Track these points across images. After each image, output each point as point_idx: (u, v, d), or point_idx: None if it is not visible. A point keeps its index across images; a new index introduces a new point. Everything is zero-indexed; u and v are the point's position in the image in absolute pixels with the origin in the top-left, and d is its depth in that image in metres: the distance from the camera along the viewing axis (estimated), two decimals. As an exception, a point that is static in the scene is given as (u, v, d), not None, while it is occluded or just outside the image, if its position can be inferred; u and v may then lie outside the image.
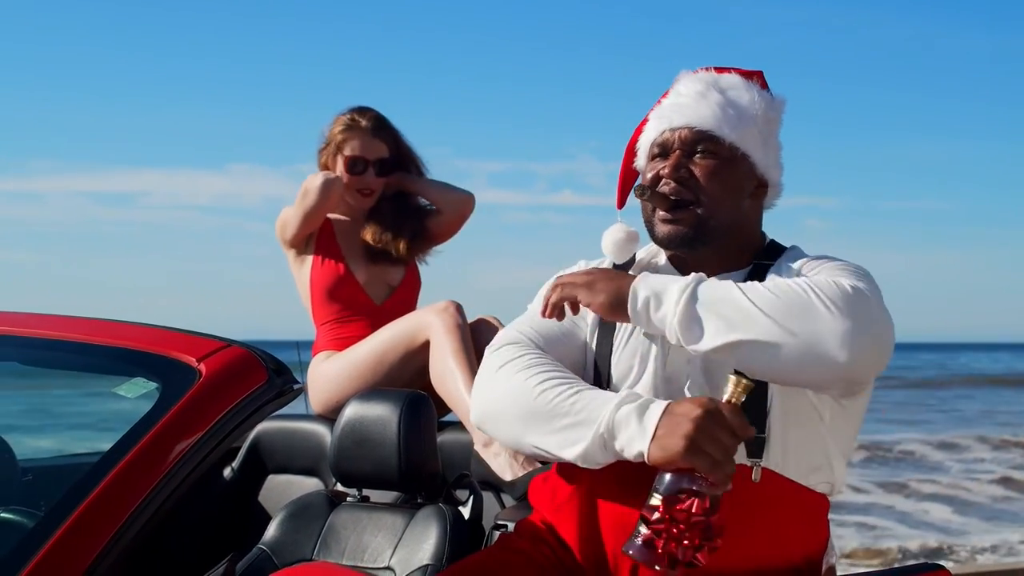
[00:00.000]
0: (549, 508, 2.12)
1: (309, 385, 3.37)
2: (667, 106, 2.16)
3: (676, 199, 2.10)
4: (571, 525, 2.08)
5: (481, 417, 2.08)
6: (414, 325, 3.22)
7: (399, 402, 2.66)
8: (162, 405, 1.95)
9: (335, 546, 2.65)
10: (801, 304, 1.87)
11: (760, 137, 2.14)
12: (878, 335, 1.91)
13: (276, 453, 3.28)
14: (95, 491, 1.80)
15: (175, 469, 1.89)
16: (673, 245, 2.13)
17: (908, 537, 10.14)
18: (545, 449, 1.96)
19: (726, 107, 2.12)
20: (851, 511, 11.21)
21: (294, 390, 2.13)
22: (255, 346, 2.13)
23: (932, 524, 10.95)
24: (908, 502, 12.22)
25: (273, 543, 2.67)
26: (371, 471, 2.67)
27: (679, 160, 2.11)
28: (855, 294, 1.90)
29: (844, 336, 1.85)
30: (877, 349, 1.92)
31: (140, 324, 2.20)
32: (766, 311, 1.87)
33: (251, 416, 2.03)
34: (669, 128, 2.13)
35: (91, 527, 1.77)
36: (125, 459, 1.85)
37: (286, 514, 2.71)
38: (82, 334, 2.17)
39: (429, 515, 2.61)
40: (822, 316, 1.86)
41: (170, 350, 2.06)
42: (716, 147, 2.11)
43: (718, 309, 1.89)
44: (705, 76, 2.18)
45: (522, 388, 1.98)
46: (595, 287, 1.99)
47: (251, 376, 2.06)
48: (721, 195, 2.10)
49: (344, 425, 2.68)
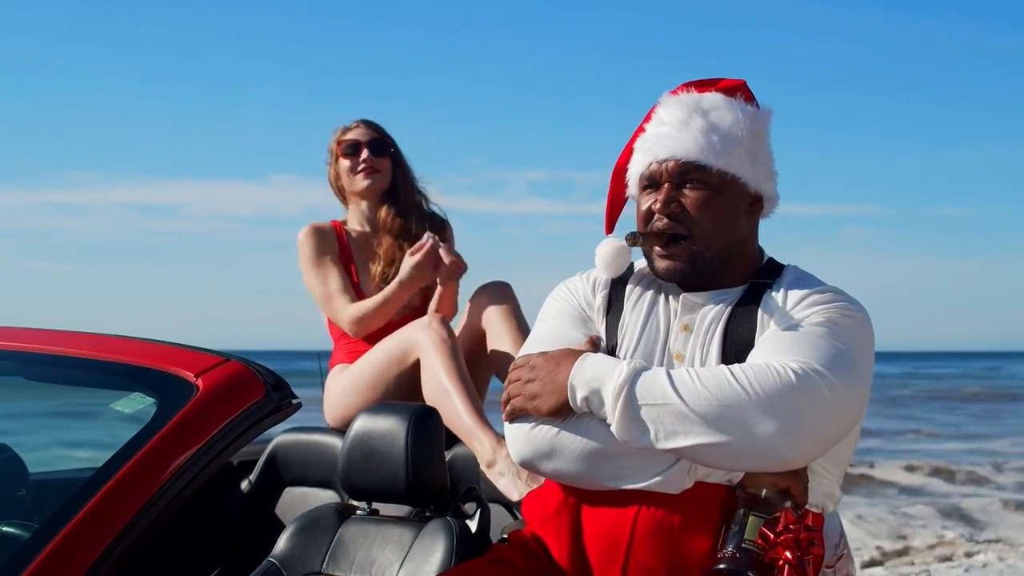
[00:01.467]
0: (538, 521, 2.14)
1: (324, 398, 3.40)
2: (651, 137, 2.15)
3: (670, 234, 2.11)
4: (558, 538, 2.09)
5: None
6: (402, 343, 3.24)
7: (407, 416, 2.67)
8: (158, 420, 1.97)
9: (343, 559, 2.66)
10: (737, 407, 1.91)
11: (748, 156, 2.13)
12: (813, 428, 1.94)
13: (293, 465, 3.30)
14: (88, 505, 1.82)
15: (170, 483, 1.91)
16: (673, 279, 2.15)
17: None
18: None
19: (710, 133, 2.10)
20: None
21: (292, 405, 2.14)
22: (254, 361, 2.15)
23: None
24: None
25: (283, 556, 2.68)
26: (379, 484, 2.68)
27: (669, 194, 2.11)
28: (798, 387, 1.92)
29: (779, 438, 1.92)
30: (816, 440, 1.96)
31: (140, 339, 2.23)
32: (701, 416, 1.92)
33: (248, 430, 2.05)
34: (655, 161, 2.13)
35: (84, 540, 1.79)
36: (119, 473, 1.87)
37: (296, 527, 2.72)
38: (83, 349, 2.20)
39: (436, 529, 2.61)
40: (756, 421, 1.91)
41: (168, 365, 2.09)
42: (704, 176, 2.10)
43: (655, 415, 1.94)
44: (686, 99, 2.16)
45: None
46: (537, 396, 2.04)
47: (248, 391, 2.08)
48: (714, 226, 2.11)
49: (353, 438, 2.69)
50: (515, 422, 2.09)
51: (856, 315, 2.07)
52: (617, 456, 1.99)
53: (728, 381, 1.94)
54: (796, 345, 1.99)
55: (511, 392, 2.10)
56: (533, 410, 2.04)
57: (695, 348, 2.09)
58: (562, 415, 2.02)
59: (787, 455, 1.94)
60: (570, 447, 2.02)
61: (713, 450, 1.93)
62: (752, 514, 1.98)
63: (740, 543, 1.96)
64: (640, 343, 2.13)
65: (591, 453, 2.00)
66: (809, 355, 1.97)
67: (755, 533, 1.96)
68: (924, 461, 15.50)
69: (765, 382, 1.93)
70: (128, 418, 2.03)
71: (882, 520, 10.34)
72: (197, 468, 1.95)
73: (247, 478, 3.32)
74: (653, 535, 1.99)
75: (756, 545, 1.95)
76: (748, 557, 1.95)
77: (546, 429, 2.04)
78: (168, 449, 1.94)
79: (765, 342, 2.04)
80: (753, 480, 2.00)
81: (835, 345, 2.00)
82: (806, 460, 2.00)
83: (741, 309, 2.10)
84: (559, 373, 2.03)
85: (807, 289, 2.10)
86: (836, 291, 2.11)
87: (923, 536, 9.55)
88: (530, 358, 2.11)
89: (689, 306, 2.14)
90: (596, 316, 2.21)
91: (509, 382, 2.11)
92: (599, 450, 2.00)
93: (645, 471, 1.98)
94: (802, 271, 2.19)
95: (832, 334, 2.01)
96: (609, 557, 2.03)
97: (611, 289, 2.22)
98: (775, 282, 2.14)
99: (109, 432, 2.00)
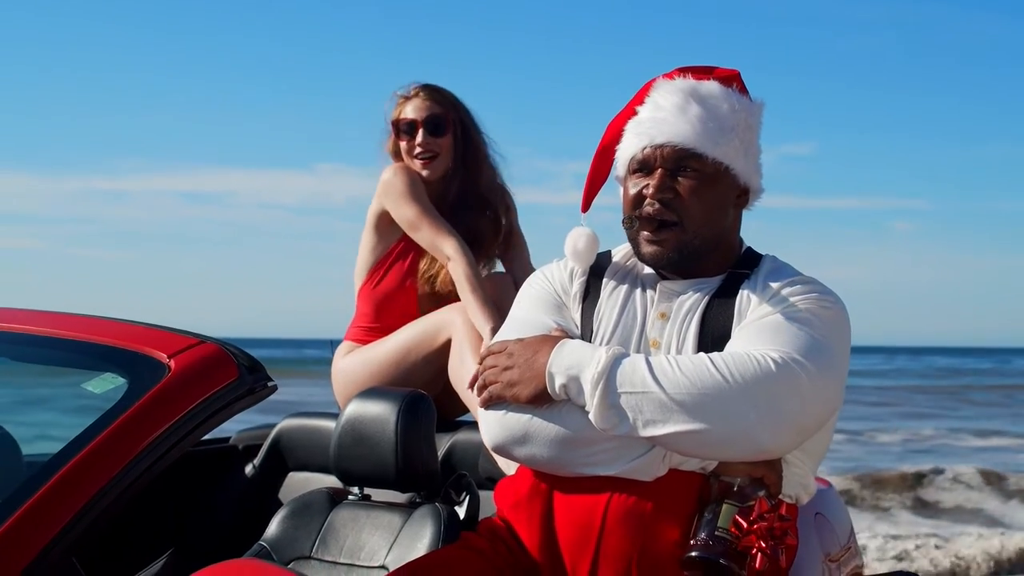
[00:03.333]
0: (509, 507, 2.12)
1: (332, 378, 3.39)
2: (647, 121, 2.11)
3: (660, 220, 2.08)
4: (529, 524, 2.08)
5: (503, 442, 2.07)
6: (436, 323, 3.17)
7: (398, 401, 2.66)
8: (127, 400, 1.98)
9: (333, 543, 2.66)
10: (716, 394, 1.90)
11: (742, 147, 2.11)
12: (792, 417, 1.93)
13: (296, 450, 3.31)
14: (48, 484, 1.83)
15: (135, 462, 1.92)
16: (658, 265, 2.13)
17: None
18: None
19: (707, 121, 2.07)
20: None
21: (267, 388, 2.14)
22: (230, 343, 2.15)
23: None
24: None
25: (273, 539, 2.69)
26: (369, 470, 2.67)
27: (663, 180, 2.08)
28: (778, 375, 1.91)
29: (759, 426, 1.91)
30: (795, 430, 1.95)
31: (116, 320, 2.24)
32: (680, 404, 1.90)
33: (220, 412, 2.06)
34: (651, 145, 2.09)
35: (41, 519, 1.80)
36: (82, 452, 1.88)
37: (287, 511, 2.72)
38: (56, 329, 2.22)
39: (425, 514, 2.61)
40: (735, 410, 1.90)
41: (142, 346, 2.10)
42: (700, 164, 2.08)
43: (634, 403, 1.92)
44: (683, 85, 2.13)
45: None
46: (516, 383, 2.02)
47: (221, 373, 2.08)
48: (704, 215, 2.08)
49: (344, 423, 2.69)
50: (490, 408, 2.08)
51: (833, 306, 2.05)
52: (591, 442, 1.97)
53: (708, 369, 1.92)
54: (775, 334, 1.97)
55: (487, 379, 2.08)
56: (511, 397, 2.03)
57: (671, 336, 2.07)
58: (540, 402, 2.01)
59: (766, 444, 1.93)
60: (544, 432, 2.00)
61: (692, 438, 1.91)
62: (726, 503, 1.96)
63: (713, 531, 1.94)
64: (617, 329, 2.11)
65: (565, 439, 1.99)
66: (788, 344, 1.95)
67: (728, 521, 1.94)
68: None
69: (745, 370, 1.91)
70: (98, 398, 2.04)
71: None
72: (164, 448, 1.96)
73: (251, 462, 3.34)
74: (625, 522, 1.98)
75: (729, 533, 1.93)
76: (721, 545, 1.93)
77: (519, 414, 2.02)
78: (135, 429, 1.95)
79: (743, 332, 2.01)
80: (727, 469, 1.98)
81: (813, 335, 1.98)
82: (785, 449, 1.99)
83: (719, 298, 2.09)
84: (537, 360, 2.01)
85: (784, 279, 2.08)
86: (813, 282, 2.09)
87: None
88: (507, 344, 2.09)
89: (667, 294, 2.12)
90: (572, 303, 2.19)
91: (484, 368, 2.10)
92: (573, 436, 1.98)
93: (619, 457, 1.97)
94: (780, 261, 2.16)
95: (810, 324, 1.99)
96: (581, 543, 2.01)
97: (589, 276, 2.21)
98: (753, 272, 2.12)
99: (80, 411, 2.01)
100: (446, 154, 3.33)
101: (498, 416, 2.06)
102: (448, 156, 3.33)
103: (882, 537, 8.78)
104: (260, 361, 2.18)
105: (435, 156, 3.31)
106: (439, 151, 3.32)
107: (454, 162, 3.34)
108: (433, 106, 3.32)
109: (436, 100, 3.33)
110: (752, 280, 2.10)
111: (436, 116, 3.31)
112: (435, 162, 3.32)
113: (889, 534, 9.07)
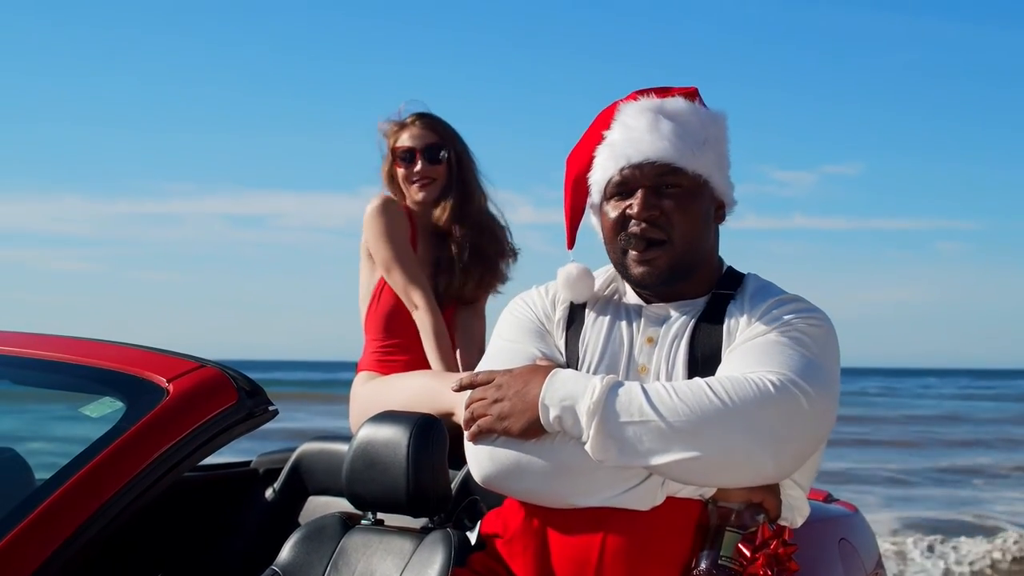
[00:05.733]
0: (501, 541, 2.08)
1: (350, 403, 3.39)
2: (620, 143, 2.07)
3: (648, 239, 2.04)
4: (523, 559, 2.03)
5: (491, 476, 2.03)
6: (432, 394, 3.15)
7: (409, 426, 2.64)
8: (123, 424, 1.97)
9: (345, 569, 2.64)
10: (716, 420, 1.85)
11: (716, 159, 2.08)
12: (794, 440, 1.89)
13: (317, 474, 3.30)
14: (42, 506, 1.83)
15: (129, 486, 1.91)
16: (650, 285, 2.08)
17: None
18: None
19: (682, 135, 2.04)
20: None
21: (268, 412, 2.13)
22: (230, 367, 2.14)
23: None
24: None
25: (285, 565, 2.67)
26: (381, 494, 2.65)
27: (647, 199, 2.04)
28: (778, 398, 1.86)
29: (761, 452, 1.86)
30: (796, 453, 1.91)
31: (115, 343, 2.24)
32: (680, 432, 1.85)
33: (218, 436, 2.05)
34: (628, 165, 2.05)
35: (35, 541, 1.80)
36: (76, 476, 1.88)
37: (300, 536, 2.71)
38: (55, 353, 2.22)
39: (436, 540, 2.57)
40: (736, 435, 1.85)
41: (141, 370, 2.09)
42: (681, 179, 2.04)
43: (633, 433, 1.86)
44: (648, 104, 2.09)
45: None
46: (508, 416, 1.97)
47: (220, 397, 2.08)
48: (691, 230, 2.05)
49: (356, 448, 2.67)
50: (479, 442, 2.03)
51: (821, 324, 2.01)
52: (585, 472, 1.92)
53: (706, 395, 1.86)
54: (769, 356, 1.93)
55: (476, 411, 2.02)
56: (503, 431, 1.97)
57: (660, 360, 2.03)
58: (533, 435, 1.95)
59: (768, 469, 1.88)
60: (537, 465, 1.95)
61: (693, 465, 1.86)
62: (727, 530, 1.91)
63: (716, 559, 1.90)
64: (604, 356, 2.07)
65: (559, 471, 1.94)
66: (784, 366, 1.90)
67: (731, 549, 1.90)
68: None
69: (744, 394, 1.86)
70: (95, 422, 2.04)
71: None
72: (161, 471, 1.95)
73: (272, 486, 3.33)
74: (624, 554, 1.93)
75: (733, 562, 1.89)
76: (725, 574, 1.88)
77: (511, 447, 1.97)
78: (132, 452, 1.95)
79: (735, 354, 1.97)
80: (726, 495, 1.93)
81: (805, 355, 1.93)
82: (786, 473, 1.94)
83: (706, 320, 2.05)
84: (529, 391, 1.96)
85: (770, 299, 2.04)
86: (799, 299, 2.05)
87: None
88: (494, 375, 2.03)
89: (653, 318, 2.08)
90: (556, 330, 2.15)
91: (472, 400, 2.04)
92: (565, 466, 1.93)
93: (614, 487, 1.92)
94: (763, 280, 2.12)
95: (801, 344, 1.95)
96: None
97: (571, 302, 2.16)
98: (737, 292, 2.08)
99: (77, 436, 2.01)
100: (441, 179, 3.44)
101: (488, 450, 2.00)
102: (442, 179, 3.44)
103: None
104: (261, 385, 2.16)
105: (432, 181, 3.44)
106: (436, 177, 3.44)
107: (448, 186, 3.45)
108: (430, 134, 3.46)
109: (433, 128, 3.46)
110: (738, 300, 2.06)
111: (433, 145, 3.45)
112: (432, 186, 3.45)
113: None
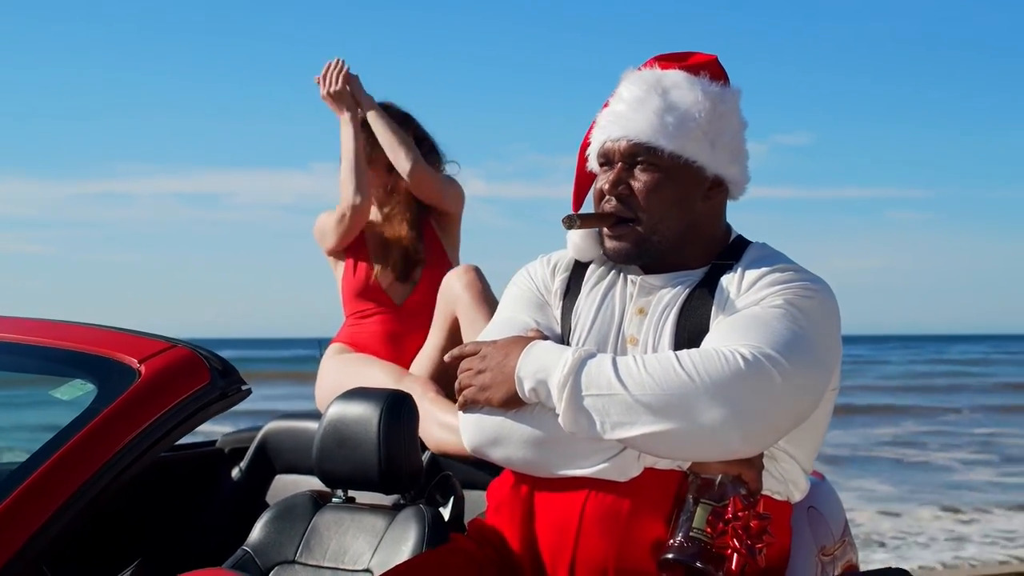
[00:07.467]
0: (493, 508, 2.11)
1: (318, 375, 3.39)
2: (608, 114, 2.09)
3: (617, 216, 2.05)
4: (510, 526, 2.06)
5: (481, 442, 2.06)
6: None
7: (380, 402, 2.63)
8: (95, 406, 1.94)
9: (317, 548, 2.63)
10: (682, 396, 1.84)
11: (706, 138, 2.04)
12: (763, 416, 1.87)
13: (284, 453, 3.29)
14: (16, 491, 1.80)
15: (104, 469, 1.88)
16: (620, 260, 2.09)
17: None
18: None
19: (664, 114, 2.03)
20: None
21: (240, 392, 2.11)
22: (202, 347, 2.11)
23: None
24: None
25: (256, 544, 2.65)
26: (352, 472, 2.64)
27: (619, 176, 2.05)
28: (746, 373, 1.84)
29: (726, 427, 1.84)
30: (766, 429, 1.89)
31: (85, 324, 2.21)
32: (646, 405, 1.85)
33: (192, 416, 2.02)
34: (609, 139, 2.07)
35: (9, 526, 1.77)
36: (49, 461, 1.85)
37: (271, 515, 2.69)
38: (23, 335, 2.18)
39: (409, 516, 2.57)
40: (701, 410, 1.84)
41: (111, 351, 2.06)
42: (655, 159, 2.03)
43: (600, 405, 1.88)
44: (648, 76, 2.09)
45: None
46: (488, 387, 2.00)
47: (193, 377, 2.05)
48: (662, 210, 2.04)
49: (326, 425, 2.66)
50: (467, 411, 2.05)
51: (816, 294, 1.98)
52: (564, 443, 1.94)
53: (673, 368, 1.86)
54: (749, 329, 1.91)
55: (462, 382, 2.06)
56: (485, 401, 2.01)
57: (648, 332, 2.02)
58: (513, 405, 1.98)
59: (734, 444, 1.87)
60: (517, 435, 1.98)
61: (659, 439, 1.86)
62: (702, 502, 1.90)
63: (688, 532, 1.89)
64: (594, 327, 2.07)
65: (538, 440, 1.96)
66: (761, 339, 1.89)
67: (704, 522, 1.89)
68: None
69: (712, 369, 1.85)
70: (67, 405, 2.00)
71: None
72: (135, 453, 1.92)
73: (238, 465, 3.31)
74: (602, 522, 1.94)
75: (704, 534, 1.88)
76: (696, 547, 1.87)
77: (494, 417, 2.00)
78: (105, 434, 1.92)
79: (719, 326, 1.96)
80: (703, 467, 1.93)
81: (791, 328, 1.91)
82: (756, 449, 1.92)
83: (698, 292, 2.03)
84: (507, 363, 1.99)
85: (764, 268, 2.01)
86: (796, 269, 2.02)
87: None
88: (480, 346, 2.06)
89: (646, 288, 2.07)
90: (553, 300, 2.16)
91: (460, 371, 2.07)
92: (546, 437, 1.95)
93: (592, 458, 1.93)
94: (768, 249, 2.10)
95: (788, 316, 1.92)
96: (559, 544, 1.98)
97: (571, 272, 2.17)
98: (735, 262, 2.06)
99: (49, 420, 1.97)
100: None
101: (475, 418, 2.04)
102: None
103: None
104: (233, 364, 2.14)
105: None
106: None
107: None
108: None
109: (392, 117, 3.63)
110: (732, 271, 2.04)
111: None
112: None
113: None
